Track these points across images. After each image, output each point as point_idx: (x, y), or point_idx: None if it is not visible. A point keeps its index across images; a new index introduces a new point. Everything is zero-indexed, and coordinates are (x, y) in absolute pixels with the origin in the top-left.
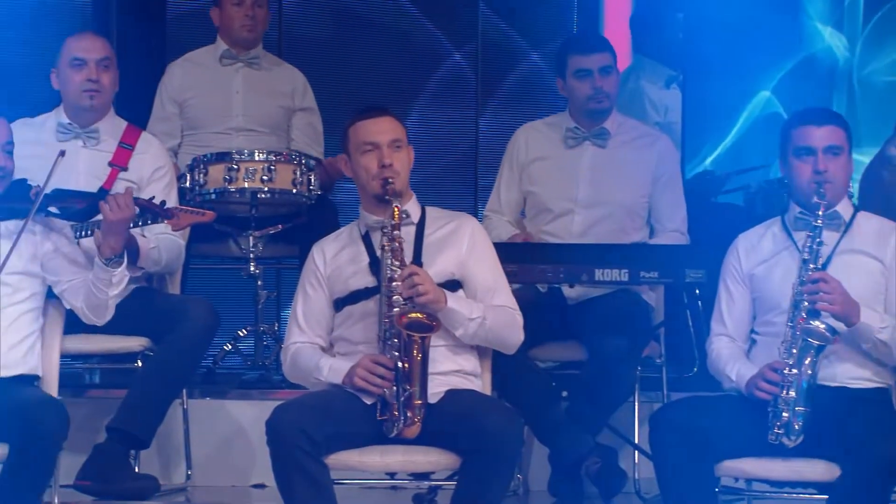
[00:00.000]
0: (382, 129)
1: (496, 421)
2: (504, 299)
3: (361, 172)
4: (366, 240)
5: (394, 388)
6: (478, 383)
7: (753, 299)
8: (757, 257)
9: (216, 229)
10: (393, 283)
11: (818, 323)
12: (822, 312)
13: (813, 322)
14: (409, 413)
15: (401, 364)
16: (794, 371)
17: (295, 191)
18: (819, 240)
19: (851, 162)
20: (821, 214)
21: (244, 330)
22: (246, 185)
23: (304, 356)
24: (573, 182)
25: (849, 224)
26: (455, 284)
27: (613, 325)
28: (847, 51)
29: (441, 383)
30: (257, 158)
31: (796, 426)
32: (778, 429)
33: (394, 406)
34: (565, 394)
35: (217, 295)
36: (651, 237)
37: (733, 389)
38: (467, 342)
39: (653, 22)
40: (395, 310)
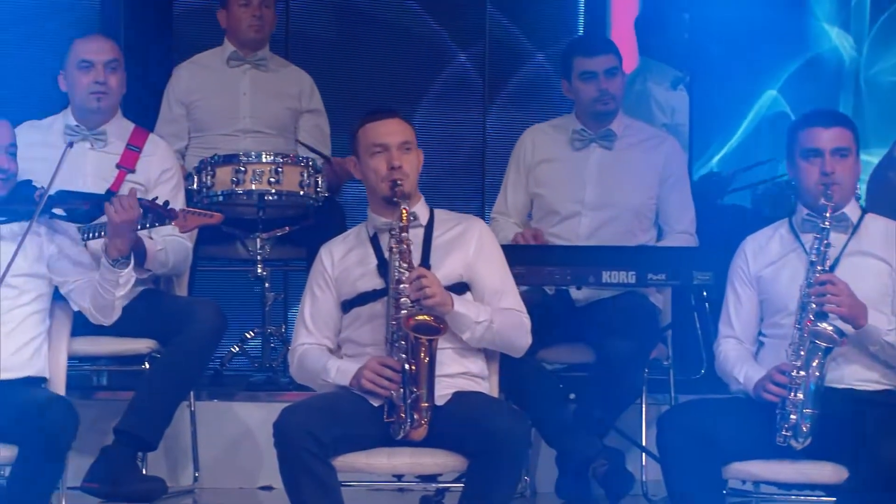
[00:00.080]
0: (392, 131)
1: (503, 423)
2: (512, 302)
3: (370, 174)
4: (374, 242)
5: (401, 391)
6: (485, 385)
7: (761, 301)
8: (764, 259)
9: (223, 231)
10: (401, 286)
11: (826, 325)
12: (830, 314)
13: (820, 324)
14: (416, 415)
15: (408, 366)
16: (802, 373)
17: (302, 193)
18: (826, 242)
19: (859, 163)
20: (828, 216)
21: (251, 332)
22: (253, 187)
23: (312, 358)
24: (580, 184)
25: (856, 226)
26: (463, 287)
27: (621, 328)
28: (854, 51)
29: (448, 385)
30: (265, 160)
31: (804, 428)
32: (786, 431)
33: (401, 408)
34: (572, 396)
35: (224, 297)
36: (659, 239)
37: (741, 392)
38: (474, 345)
39: (658, 23)
40: (403, 312)
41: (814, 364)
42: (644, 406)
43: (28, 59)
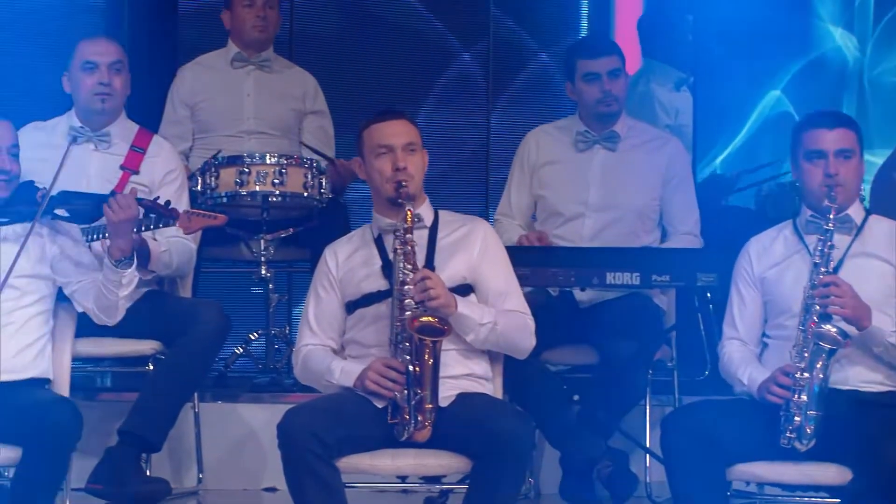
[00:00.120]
0: (397, 132)
1: (507, 424)
2: (516, 304)
3: (375, 175)
4: (378, 243)
5: (405, 392)
6: (489, 387)
7: (765, 303)
8: (768, 261)
9: (227, 233)
10: (405, 287)
11: (829, 327)
12: (834, 316)
13: (824, 326)
14: (420, 417)
15: (412, 367)
16: (806, 375)
17: (306, 194)
18: (830, 243)
19: (863, 165)
20: (832, 218)
21: (255, 333)
22: (257, 189)
23: (316, 358)
24: (584, 185)
25: (860, 227)
26: (467, 288)
27: (625, 329)
28: (857, 51)
29: (452, 387)
30: (269, 162)
31: (808, 430)
32: (790, 432)
33: (405, 409)
34: (576, 397)
35: (228, 298)
36: (664, 240)
37: (745, 393)
38: (478, 347)
39: (662, 24)
40: (407, 313)
41: (818, 366)
42: (648, 407)
43: (32, 60)
